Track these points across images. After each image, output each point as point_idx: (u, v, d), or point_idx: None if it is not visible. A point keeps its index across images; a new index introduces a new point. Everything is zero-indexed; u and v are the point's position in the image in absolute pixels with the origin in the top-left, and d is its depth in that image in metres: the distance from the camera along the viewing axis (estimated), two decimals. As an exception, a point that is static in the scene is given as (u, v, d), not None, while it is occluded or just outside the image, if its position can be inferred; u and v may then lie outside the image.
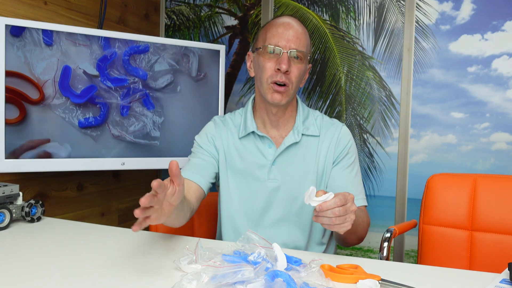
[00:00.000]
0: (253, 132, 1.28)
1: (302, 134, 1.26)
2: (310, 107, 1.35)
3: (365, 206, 1.26)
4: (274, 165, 1.25)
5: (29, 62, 1.53)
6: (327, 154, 1.26)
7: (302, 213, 1.24)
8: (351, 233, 1.11)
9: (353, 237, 1.17)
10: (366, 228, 1.22)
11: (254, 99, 1.33)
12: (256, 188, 1.26)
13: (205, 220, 1.52)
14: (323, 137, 1.27)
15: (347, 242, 1.21)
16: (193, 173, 1.23)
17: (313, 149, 1.26)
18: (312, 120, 1.30)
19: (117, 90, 1.72)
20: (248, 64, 1.31)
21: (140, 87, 1.77)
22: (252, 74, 1.29)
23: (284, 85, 1.19)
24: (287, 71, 1.17)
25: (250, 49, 1.31)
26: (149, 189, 0.77)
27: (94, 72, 1.66)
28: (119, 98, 1.72)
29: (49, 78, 1.58)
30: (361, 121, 2.02)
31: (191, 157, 1.31)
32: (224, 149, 1.30)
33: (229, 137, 1.31)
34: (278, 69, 1.17)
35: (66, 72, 1.61)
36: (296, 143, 1.26)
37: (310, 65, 1.30)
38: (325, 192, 0.92)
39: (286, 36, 1.18)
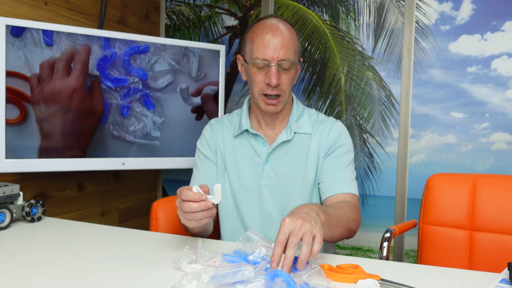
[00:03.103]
0: (247, 130, 1.28)
1: (295, 132, 1.26)
2: (310, 107, 1.34)
3: (356, 196, 1.20)
4: (268, 163, 1.26)
5: (30, 62, 1.53)
6: (319, 150, 1.25)
7: None
8: (332, 228, 1.00)
9: (337, 232, 1.05)
10: (351, 220, 1.11)
11: (250, 98, 1.33)
12: (251, 186, 1.26)
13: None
14: (315, 134, 1.26)
15: (332, 237, 1.08)
16: None
17: (304, 146, 1.26)
18: (307, 118, 1.29)
19: (117, 90, 1.72)
20: (239, 67, 1.29)
21: (140, 87, 1.77)
22: (244, 78, 1.27)
23: (276, 96, 1.19)
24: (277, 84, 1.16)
25: (240, 52, 1.29)
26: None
27: (94, 72, 1.67)
28: (119, 98, 1.72)
29: (49, 78, 1.58)
30: (361, 121, 2.02)
31: (196, 169, 1.32)
32: (220, 149, 1.31)
33: (225, 137, 1.31)
34: (268, 84, 1.16)
35: (66, 72, 1.61)
36: (288, 141, 1.26)
37: (301, 58, 1.28)
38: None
39: (272, 46, 1.15)
